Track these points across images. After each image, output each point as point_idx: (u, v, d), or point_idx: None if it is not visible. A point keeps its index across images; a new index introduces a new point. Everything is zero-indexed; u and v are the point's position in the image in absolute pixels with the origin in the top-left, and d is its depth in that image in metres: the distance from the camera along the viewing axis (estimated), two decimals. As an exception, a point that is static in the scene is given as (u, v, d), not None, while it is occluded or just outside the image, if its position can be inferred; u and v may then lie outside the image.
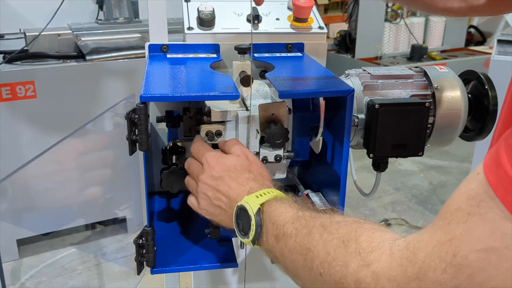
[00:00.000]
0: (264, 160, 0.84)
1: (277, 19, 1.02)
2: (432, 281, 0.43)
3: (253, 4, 0.84)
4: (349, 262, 0.52)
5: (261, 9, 1.01)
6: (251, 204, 0.66)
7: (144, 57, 0.97)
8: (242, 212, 0.68)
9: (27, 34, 2.33)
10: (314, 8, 1.02)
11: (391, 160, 0.91)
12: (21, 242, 2.44)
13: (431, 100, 0.89)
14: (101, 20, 2.75)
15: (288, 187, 0.89)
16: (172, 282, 1.29)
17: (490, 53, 2.73)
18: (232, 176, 0.73)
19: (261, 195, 0.68)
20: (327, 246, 0.55)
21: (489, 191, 0.42)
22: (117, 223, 2.67)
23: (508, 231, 0.40)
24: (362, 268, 0.50)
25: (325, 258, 0.55)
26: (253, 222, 0.65)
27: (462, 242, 0.42)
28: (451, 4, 0.80)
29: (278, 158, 0.84)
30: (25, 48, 2.31)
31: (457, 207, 0.44)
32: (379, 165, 0.90)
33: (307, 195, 0.89)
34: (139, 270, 0.81)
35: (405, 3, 0.94)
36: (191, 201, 0.80)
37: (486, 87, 0.91)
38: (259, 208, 0.66)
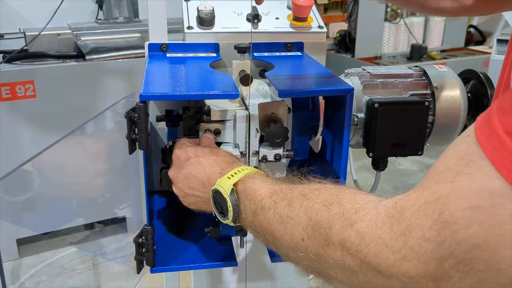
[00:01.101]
0: (264, 159, 0.84)
1: (277, 18, 1.02)
2: (418, 238, 0.44)
3: (253, 3, 0.84)
4: (332, 224, 0.52)
5: (260, 8, 1.01)
6: (224, 186, 0.68)
7: (144, 56, 0.97)
8: (218, 195, 0.69)
9: (26, 33, 2.33)
10: (314, 8, 1.02)
11: (390, 159, 0.91)
12: (21, 242, 2.44)
13: (431, 99, 0.89)
14: (100, 19, 2.75)
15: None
16: (172, 281, 1.29)
17: (490, 53, 2.74)
18: (200, 161, 0.74)
19: (232, 176, 0.69)
20: (309, 212, 0.56)
21: (479, 151, 0.42)
22: (117, 223, 2.67)
23: (495, 189, 0.40)
24: (347, 227, 0.50)
25: (307, 223, 0.55)
26: (229, 204, 0.67)
27: (449, 201, 0.42)
28: (444, 4, 0.80)
29: (277, 157, 0.84)
30: (25, 47, 2.31)
31: (446, 167, 0.44)
32: (379, 164, 0.90)
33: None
34: (139, 269, 0.81)
35: (399, 3, 0.94)
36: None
37: (485, 86, 0.91)
38: (233, 189, 0.67)
